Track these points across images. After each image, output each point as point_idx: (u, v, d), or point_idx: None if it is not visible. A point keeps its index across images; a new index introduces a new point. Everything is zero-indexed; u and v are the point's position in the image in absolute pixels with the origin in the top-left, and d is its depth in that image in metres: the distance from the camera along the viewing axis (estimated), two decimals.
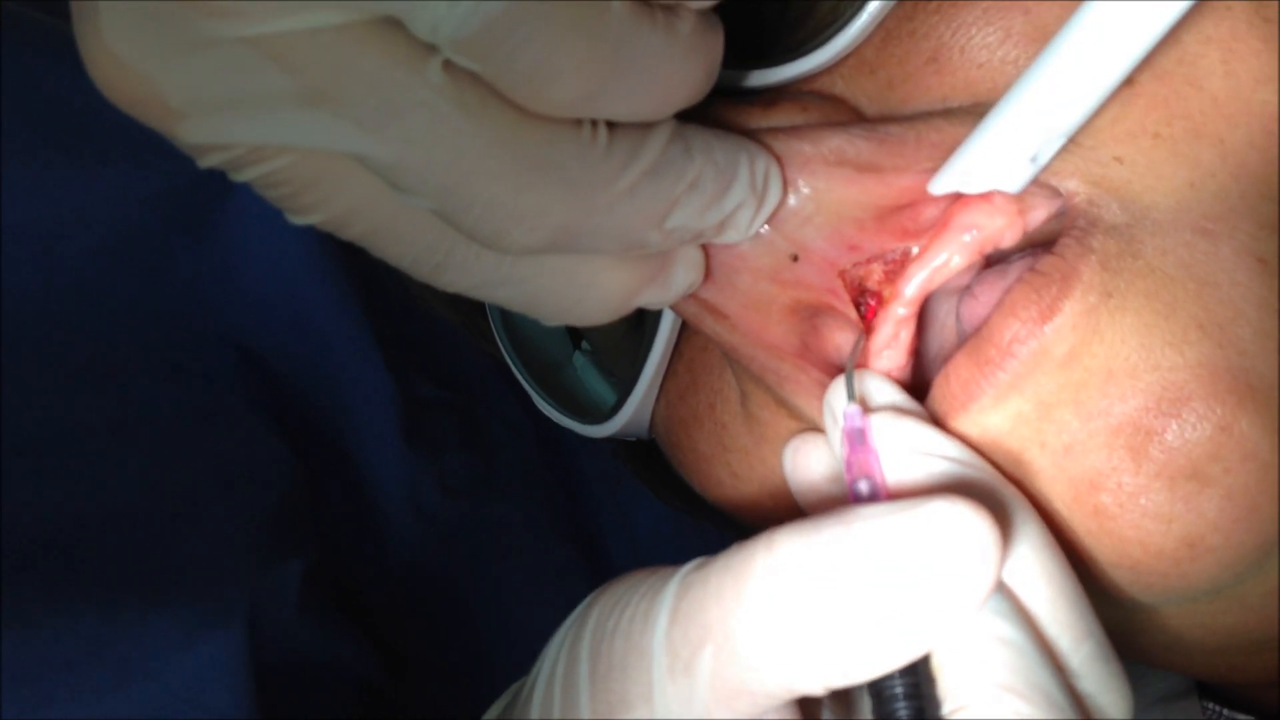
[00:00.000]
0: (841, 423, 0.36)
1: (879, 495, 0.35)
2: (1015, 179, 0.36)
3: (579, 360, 0.60)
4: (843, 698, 0.36)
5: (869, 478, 0.35)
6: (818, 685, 0.31)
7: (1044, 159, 0.36)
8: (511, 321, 0.58)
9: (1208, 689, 0.52)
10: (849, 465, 0.35)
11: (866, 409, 0.37)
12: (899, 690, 0.31)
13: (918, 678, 0.31)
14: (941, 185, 0.37)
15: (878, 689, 0.32)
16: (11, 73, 0.59)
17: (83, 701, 0.50)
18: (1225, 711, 0.49)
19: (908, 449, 0.35)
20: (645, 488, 0.72)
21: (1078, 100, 0.35)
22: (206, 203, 0.66)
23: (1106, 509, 0.36)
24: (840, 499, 0.38)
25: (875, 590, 0.30)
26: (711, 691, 0.31)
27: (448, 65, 0.29)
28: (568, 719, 0.35)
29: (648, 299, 0.37)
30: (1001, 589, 0.33)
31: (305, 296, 0.69)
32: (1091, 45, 0.34)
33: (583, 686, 0.34)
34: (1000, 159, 0.36)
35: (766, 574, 0.31)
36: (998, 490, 0.35)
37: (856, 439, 0.35)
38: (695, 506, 0.54)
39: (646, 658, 0.32)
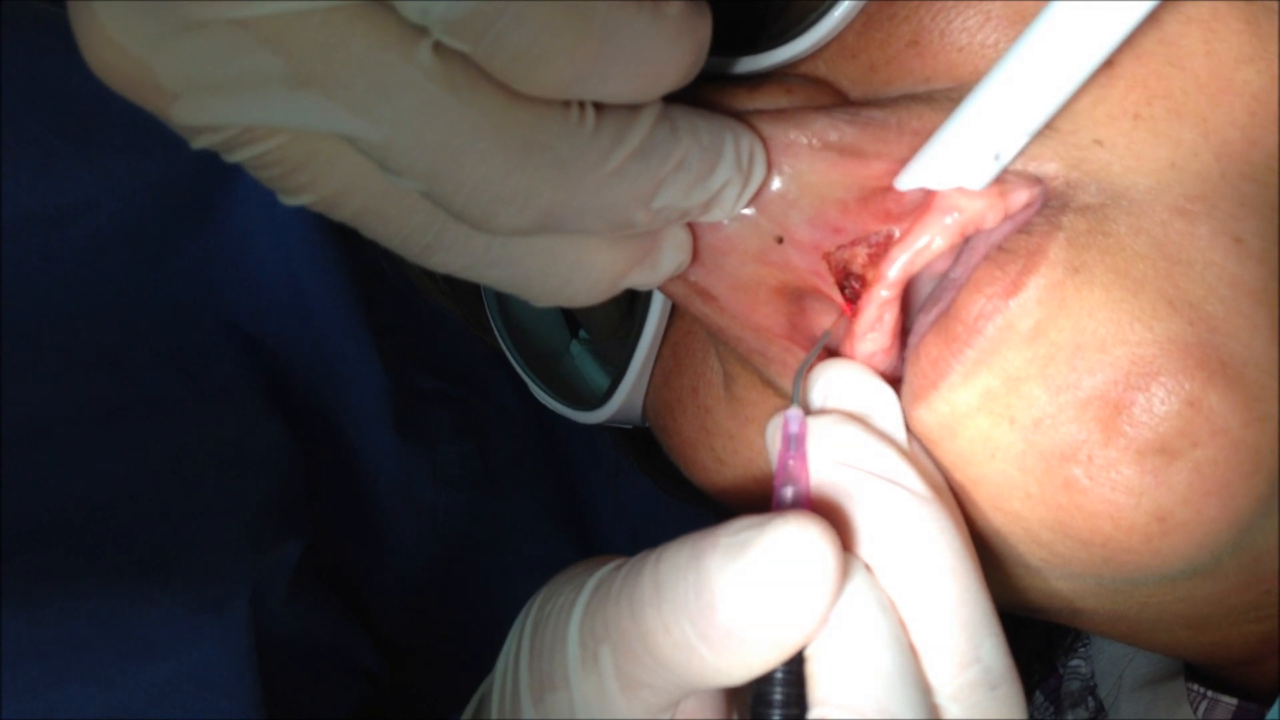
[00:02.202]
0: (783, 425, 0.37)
1: (801, 504, 0.35)
2: (979, 176, 0.37)
3: (576, 349, 0.60)
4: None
5: (795, 484, 0.35)
6: (700, 685, 0.33)
7: (1007, 157, 0.37)
8: (509, 311, 0.58)
9: (1195, 672, 0.52)
10: (778, 470, 0.36)
11: (810, 411, 0.37)
12: (776, 696, 0.33)
13: (790, 687, 0.33)
14: (908, 181, 0.38)
15: (757, 690, 0.33)
16: (18, 62, 0.59)
17: (91, 679, 0.51)
18: (1209, 693, 0.50)
19: (832, 459, 0.36)
20: (646, 478, 0.72)
21: (1038, 102, 0.35)
22: (208, 191, 0.66)
23: (1077, 482, 0.37)
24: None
25: (729, 606, 0.31)
26: (616, 681, 0.34)
27: (437, 47, 0.29)
28: (512, 690, 0.38)
29: (636, 280, 0.38)
30: (891, 609, 0.34)
31: (305, 285, 0.70)
32: (1050, 50, 0.34)
33: (523, 662, 0.37)
34: (963, 157, 0.37)
35: (651, 586, 0.32)
36: (904, 509, 0.35)
37: (793, 444, 0.36)
38: (694, 495, 0.54)
39: (564, 645, 0.35)
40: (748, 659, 0.31)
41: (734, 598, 0.31)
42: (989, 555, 0.41)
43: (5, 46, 0.60)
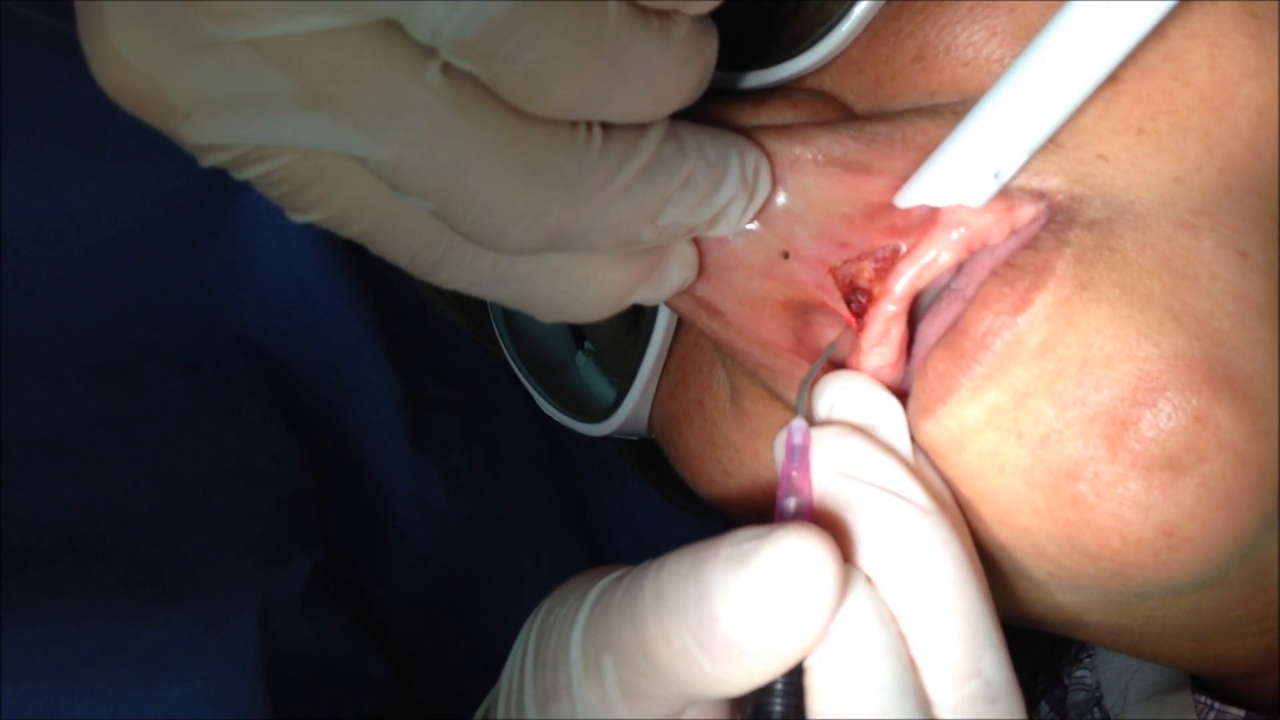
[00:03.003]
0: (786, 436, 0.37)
1: (802, 515, 0.35)
2: (978, 194, 0.37)
3: (581, 360, 0.61)
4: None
5: (798, 496, 0.36)
6: (700, 695, 0.33)
7: (1007, 175, 0.37)
8: (514, 323, 0.59)
9: (1201, 684, 0.52)
10: (782, 481, 0.36)
11: (814, 423, 0.37)
12: (776, 708, 0.33)
13: (791, 698, 0.33)
14: (908, 199, 0.38)
15: (757, 701, 0.34)
16: (25, 71, 0.59)
17: (100, 697, 0.50)
18: (1217, 705, 0.50)
19: (835, 471, 0.36)
20: (652, 487, 0.72)
21: (1038, 121, 0.35)
22: (217, 200, 0.66)
23: (1084, 498, 0.37)
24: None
25: (729, 617, 0.31)
26: (619, 691, 0.34)
27: (446, 68, 0.29)
28: (517, 699, 0.38)
29: (642, 296, 0.38)
30: (891, 622, 0.34)
31: (314, 294, 0.70)
32: (1049, 69, 0.34)
33: (528, 671, 0.37)
34: (963, 175, 0.37)
35: (653, 596, 0.33)
36: (906, 522, 0.35)
37: (797, 455, 0.36)
38: (700, 504, 0.55)
39: (567, 655, 0.35)
40: (748, 670, 0.31)
41: (734, 609, 0.31)
42: (995, 569, 0.41)
43: (12, 56, 0.60)
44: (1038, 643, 0.63)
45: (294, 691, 0.58)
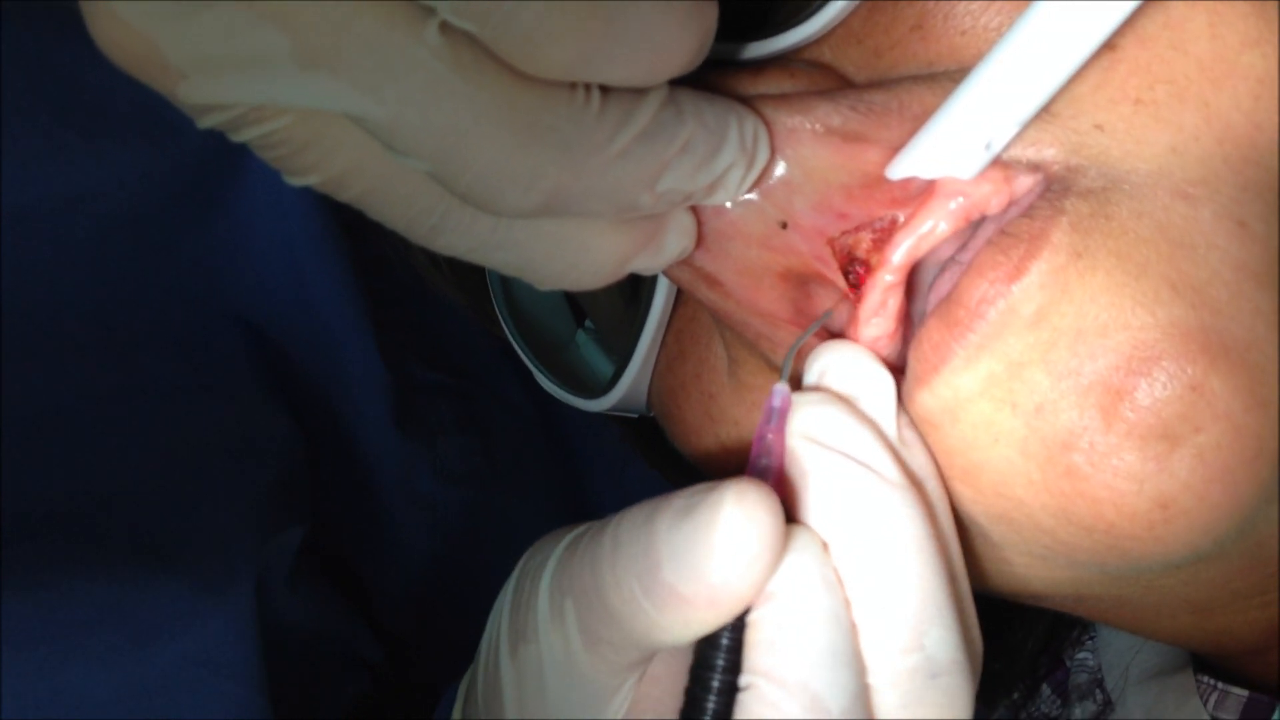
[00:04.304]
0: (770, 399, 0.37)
1: (769, 477, 0.36)
2: (969, 166, 0.37)
3: (582, 338, 0.61)
4: None
5: (769, 457, 0.36)
6: (648, 642, 0.34)
7: (997, 147, 0.37)
8: (515, 300, 0.59)
9: (1203, 663, 0.52)
10: (755, 441, 0.37)
11: (798, 389, 0.38)
12: (719, 661, 0.34)
13: (733, 654, 0.34)
14: (899, 170, 0.38)
15: (701, 653, 0.35)
16: (26, 53, 0.60)
17: (97, 661, 0.51)
18: (1220, 685, 0.49)
19: (805, 436, 0.36)
20: (653, 469, 0.72)
21: (1029, 91, 0.35)
22: (214, 182, 0.66)
23: (1079, 469, 0.37)
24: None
25: (670, 565, 0.32)
26: (580, 636, 0.35)
27: (444, 26, 0.29)
28: (494, 641, 0.40)
29: (641, 264, 0.38)
30: (837, 587, 0.34)
31: (308, 277, 0.70)
32: (1040, 40, 0.34)
33: (504, 616, 0.39)
34: (955, 146, 0.37)
35: (610, 544, 0.34)
36: (865, 492, 0.35)
37: (775, 417, 0.37)
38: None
39: (536, 599, 0.37)
40: (687, 618, 0.32)
41: (675, 557, 0.32)
42: (990, 542, 0.41)
43: (13, 37, 0.60)
44: (1038, 626, 0.63)
45: (286, 664, 0.58)
